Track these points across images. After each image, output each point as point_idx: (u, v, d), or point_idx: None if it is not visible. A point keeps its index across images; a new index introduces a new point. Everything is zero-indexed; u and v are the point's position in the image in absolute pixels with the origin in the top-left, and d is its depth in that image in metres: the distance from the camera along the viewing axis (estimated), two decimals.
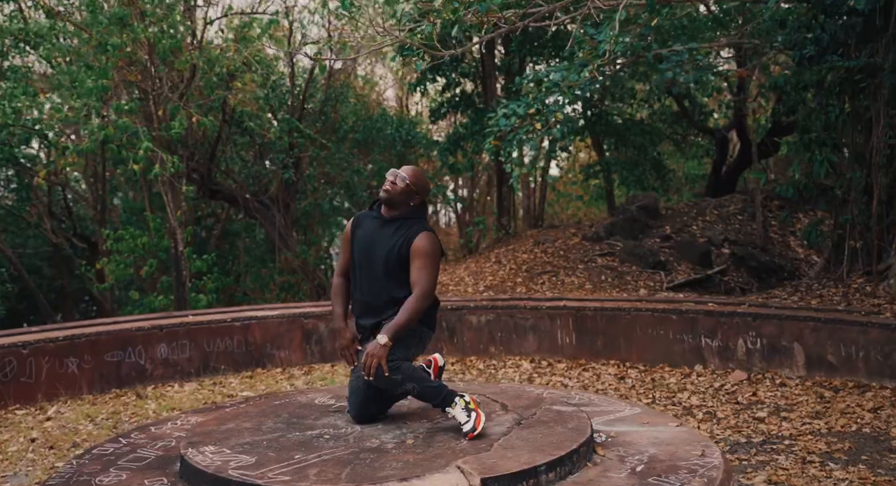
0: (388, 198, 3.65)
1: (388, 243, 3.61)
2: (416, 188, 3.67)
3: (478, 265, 11.89)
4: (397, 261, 3.57)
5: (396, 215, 3.67)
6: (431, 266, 3.54)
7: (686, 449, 3.36)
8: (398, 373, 3.39)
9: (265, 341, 8.35)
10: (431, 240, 3.57)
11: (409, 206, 3.68)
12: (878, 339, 6.90)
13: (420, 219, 3.69)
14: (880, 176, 8.56)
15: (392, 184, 3.65)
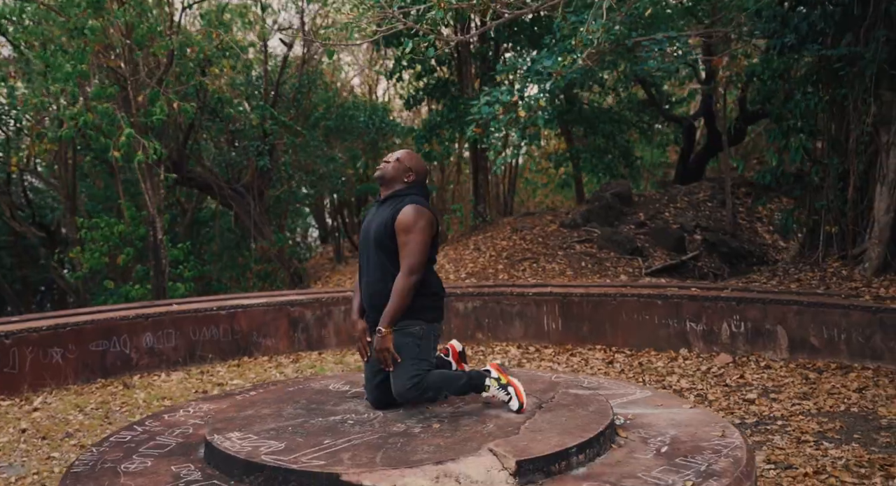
0: (381, 175, 3.65)
1: (379, 220, 3.56)
2: (409, 164, 3.64)
3: (457, 252, 11.92)
4: (385, 237, 3.49)
5: (390, 194, 3.62)
6: (417, 240, 3.43)
7: (705, 430, 3.44)
8: (428, 391, 3.38)
9: (251, 329, 8.30)
10: (416, 211, 3.45)
11: (404, 182, 3.62)
12: (860, 321, 7.08)
13: (413, 194, 3.58)
14: (857, 163, 8.75)
15: (385, 162, 3.67)
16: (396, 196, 3.60)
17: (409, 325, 3.49)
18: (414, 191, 3.62)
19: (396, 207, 3.52)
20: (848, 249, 9.29)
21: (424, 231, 3.46)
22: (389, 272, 3.51)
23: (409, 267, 3.43)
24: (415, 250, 3.43)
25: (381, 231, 3.52)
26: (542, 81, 9.34)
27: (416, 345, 3.45)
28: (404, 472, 2.83)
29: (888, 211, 8.69)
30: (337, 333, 8.48)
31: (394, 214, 3.49)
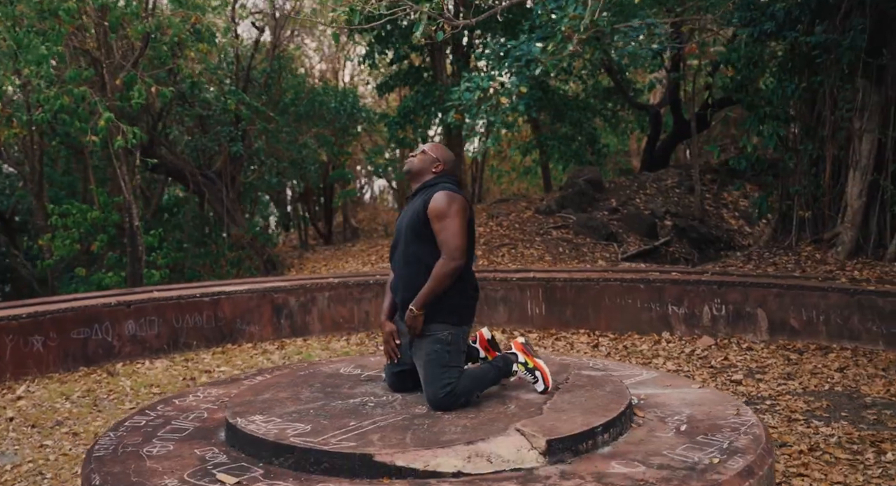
0: (409, 169, 3.62)
1: (410, 212, 3.51)
2: (436, 154, 3.61)
3: None
4: (418, 227, 3.43)
5: (420, 186, 3.58)
6: (454, 225, 3.34)
7: (719, 409, 3.52)
8: (460, 397, 3.32)
9: (235, 316, 8.24)
10: (448, 196, 3.38)
11: (432, 173, 3.58)
12: (838, 303, 7.27)
13: (444, 182, 3.52)
14: (831, 148, 8.95)
15: (411, 156, 3.65)
16: (426, 187, 3.55)
17: (437, 330, 3.42)
18: (444, 179, 3.57)
19: (427, 195, 3.47)
20: (821, 233, 9.51)
21: (459, 215, 3.38)
22: (424, 265, 3.42)
23: (450, 252, 3.35)
24: (453, 234, 3.35)
25: (413, 222, 3.45)
26: (523, 69, 9.39)
27: (445, 352, 3.39)
28: (436, 452, 2.86)
29: (860, 196, 8.91)
30: (321, 319, 8.46)
31: (425, 202, 3.44)
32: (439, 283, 3.35)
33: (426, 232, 3.42)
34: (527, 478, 2.78)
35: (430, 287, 3.36)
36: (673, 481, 2.69)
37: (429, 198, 3.43)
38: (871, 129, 8.83)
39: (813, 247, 9.43)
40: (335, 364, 4.25)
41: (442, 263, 3.35)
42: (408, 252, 3.50)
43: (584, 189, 13.56)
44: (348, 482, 2.81)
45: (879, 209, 8.89)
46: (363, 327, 8.49)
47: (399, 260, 3.58)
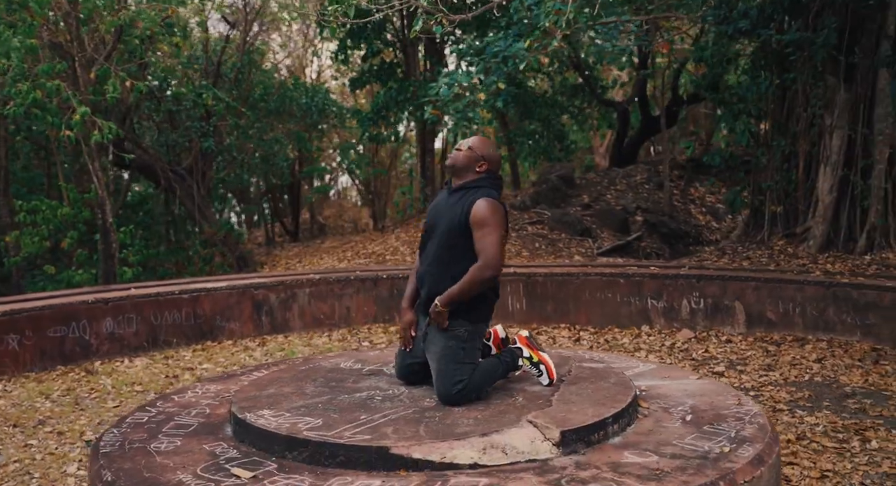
0: (452, 164, 3.56)
1: (450, 213, 3.47)
2: (481, 153, 3.54)
3: (409, 235, 11.94)
4: (457, 229, 3.41)
5: (462, 184, 3.53)
6: (494, 234, 3.36)
7: (720, 399, 3.58)
8: (472, 393, 3.33)
9: (215, 313, 8.16)
10: (492, 205, 3.38)
11: (476, 173, 3.53)
12: (814, 295, 7.43)
13: (487, 187, 3.50)
14: (803, 144, 9.13)
15: (456, 151, 3.58)
16: (468, 188, 3.50)
17: (455, 326, 3.42)
18: (486, 183, 3.52)
19: (469, 199, 3.43)
20: (792, 227, 9.70)
21: (500, 225, 3.39)
22: (455, 266, 3.43)
23: (487, 260, 3.35)
24: (492, 243, 3.36)
25: (453, 224, 3.43)
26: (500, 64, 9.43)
27: (460, 348, 3.40)
28: (452, 444, 2.87)
29: (831, 191, 9.10)
30: (301, 316, 8.42)
31: (467, 207, 3.40)
32: (471, 287, 3.37)
33: (464, 236, 3.42)
34: (543, 469, 2.80)
35: (462, 289, 3.37)
36: (688, 469, 2.74)
37: (471, 203, 3.40)
38: (842, 125, 9.02)
39: (785, 241, 9.61)
40: (335, 359, 4.24)
41: (479, 269, 3.36)
42: (441, 251, 3.50)
43: (556, 185, 13.67)
44: (365, 474, 2.82)
45: (849, 204, 9.10)
46: (344, 324, 8.47)
47: (431, 255, 3.57)
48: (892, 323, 7.05)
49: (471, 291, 3.38)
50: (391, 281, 8.48)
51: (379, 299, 8.52)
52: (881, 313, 7.13)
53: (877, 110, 8.96)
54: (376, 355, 4.36)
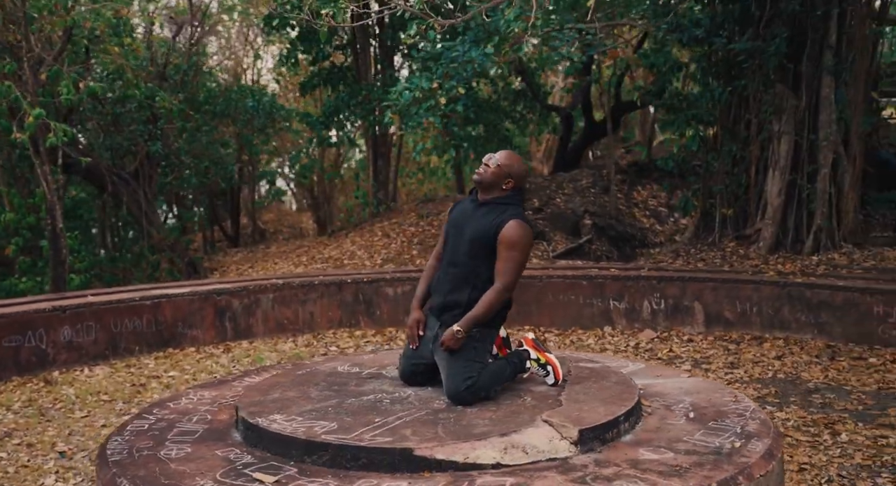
0: (480, 180, 3.60)
1: (477, 225, 3.53)
2: (509, 170, 3.58)
3: (364, 239, 11.91)
4: (484, 244, 3.48)
5: (489, 199, 3.58)
6: (519, 258, 3.46)
7: (717, 396, 3.70)
8: (480, 391, 3.38)
9: (176, 320, 8.00)
10: (524, 229, 3.47)
11: (503, 189, 3.58)
12: (770, 295, 7.69)
13: (514, 205, 3.58)
14: (756, 150, 9.44)
15: (484, 166, 3.61)
16: (496, 204, 3.56)
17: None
18: (514, 200, 3.59)
19: (500, 217, 3.49)
20: (742, 229, 10.02)
21: (526, 251, 3.49)
22: (475, 279, 3.52)
23: (505, 284, 3.45)
24: (514, 269, 3.46)
25: (480, 238, 3.50)
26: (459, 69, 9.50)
27: (472, 348, 3.46)
28: (474, 444, 2.91)
29: (780, 194, 9.44)
30: (265, 321, 8.32)
31: (497, 224, 3.47)
32: (489, 310, 3.46)
33: (489, 249, 3.49)
34: (565, 467, 2.86)
35: (480, 313, 3.45)
36: (706, 465, 2.83)
37: (501, 222, 3.47)
38: (789, 131, 9.36)
39: (736, 243, 9.91)
40: (331, 363, 4.22)
41: (498, 293, 3.45)
42: (464, 259, 3.56)
43: None
44: (389, 476, 2.83)
45: (797, 207, 9.44)
46: (308, 329, 8.40)
47: (451, 262, 3.63)
48: (844, 321, 7.35)
49: (489, 313, 3.48)
50: (356, 286, 8.45)
51: (343, 303, 8.49)
52: (833, 311, 7.42)
53: (821, 117, 9.33)
54: (371, 358, 4.36)
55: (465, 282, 3.55)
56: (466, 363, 3.39)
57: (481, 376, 3.41)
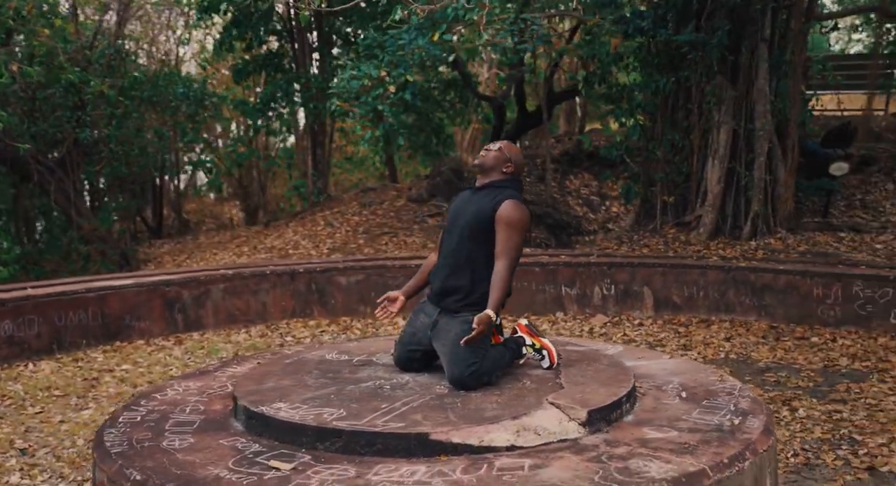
0: (482, 163, 3.66)
1: (475, 208, 3.57)
2: (509, 155, 3.66)
3: (307, 229, 11.78)
4: (482, 224, 3.52)
5: (488, 183, 3.64)
6: (517, 236, 3.52)
7: (702, 377, 3.82)
8: (483, 377, 3.41)
9: (123, 312, 7.77)
10: (519, 209, 3.53)
11: (502, 173, 3.64)
12: (715, 279, 7.96)
13: (512, 188, 3.63)
14: (698, 139, 9.73)
15: (486, 151, 3.68)
16: (494, 187, 3.61)
17: (470, 314, 3.52)
18: (512, 184, 3.64)
19: (496, 198, 3.53)
20: (682, 216, 10.32)
21: (523, 230, 3.54)
22: (473, 261, 3.55)
23: (510, 261, 3.50)
24: (515, 245, 3.50)
25: (477, 220, 3.53)
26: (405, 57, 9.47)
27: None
28: (488, 428, 2.94)
29: (719, 182, 9.75)
30: (216, 312, 8.16)
31: (493, 205, 3.51)
32: (504, 286, 3.50)
33: (487, 232, 3.53)
34: (577, 448, 2.92)
35: (501, 293, 3.48)
36: (713, 442, 2.93)
37: (498, 202, 3.52)
38: (728, 121, 9.68)
39: (676, 229, 10.20)
40: (318, 351, 4.18)
41: (505, 269, 3.49)
42: (463, 242, 3.59)
43: (449, 178, 13.85)
44: (405, 461, 2.83)
45: (735, 194, 9.78)
46: (260, 320, 8.28)
47: (450, 248, 3.65)
48: (786, 303, 7.67)
49: (506, 291, 3.53)
50: (308, 275, 8.37)
51: (297, 293, 8.39)
52: (776, 294, 7.74)
53: (757, 107, 9.67)
54: (357, 346, 4.33)
55: (464, 266, 3.58)
56: (470, 349, 3.42)
57: (483, 361, 3.44)
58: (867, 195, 11.47)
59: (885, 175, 12.51)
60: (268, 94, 13.57)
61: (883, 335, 7.14)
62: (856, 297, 7.37)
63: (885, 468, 4.33)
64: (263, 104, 13.61)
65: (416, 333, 3.69)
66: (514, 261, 3.53)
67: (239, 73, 14.48)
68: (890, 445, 4.65)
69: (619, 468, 2.71)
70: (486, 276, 3.54)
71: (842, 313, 7.45)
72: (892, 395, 5.60)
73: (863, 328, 7.32)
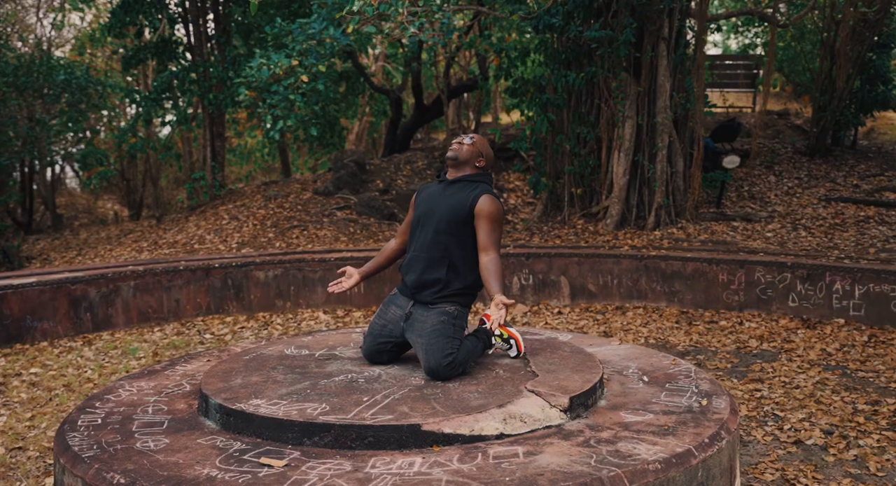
0: (456, 156, 3.66)
1: (450, 202, 3.60)
2: (481, 148, 3.71)
3: (211, 223, 11.42)
4: (460, 218, 3.56)
5: (461, 176, 3.67)
6: (498, 229, 3.61)
7: (656, 361, 3.97)
8: (459, 367, 3.43)
9: (24, 312, 7.32)
10: (497, 202, 3.61)
11: (475, 167, 3.69)
12: (628, 268, 8.26)
13: (485, 182, 3.70)
14: (606, 133, 10.04)
15: (459, 144, 3.69)
16: (468, 181, 3.66)
17: (446, 305, 3.57)
18: (484, 178, 3.71)
19: (473, 193, 3.59)
20: (589, 208, 10.63)
21: (502, 223, 3.64)
22: (451, 254, 3.58)
23: (496, 250, 3.57)
24: (498, 239, 3.60)
25: (454, 215, 3.57)
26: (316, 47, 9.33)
27: (451, 324, 3.52)
28: (477, 417, 2.96)
29: (625, 174, 10.10)
30: (126, 310, 7.81)
31: (471, 199, 3.57)
32: (501, 270, 3.56)
33: (465, 226, 3.58)
34: (564, 434, 2.98)
35: (499, 277, 3.52)
36: (689, 423, 3.06)
37: (476, 197, 3.58)
38: (632, 115, 10.03)
39: (584, 220, 10.50)
40: (275, 347, 4.07)
41: (496, 260, 3.55)
42: (438, 239, 3.60)
43: (354, 171, 13.74)
44: (399, 453, 2.82)
45: (640, 185, 10.16)
46: (174, 317, 7.98)
47: (426, 242, 3.63)
48: (694, 289, 8.05)
49: (503, 276, 3.57)
50: (225, 271, 8.13)
51: (212, 289, 8.14)
52: (684, 280, 8.11)
53: (658, 103, 10.08)
54: (313, 340, 4.26)
55: (441, 260, 3.60)
56: (447, 340, 3.43)
57: (459, 352, 3.46)
58: (753, 187, 12.14)
59: (766, 168, 13.30)
60: (162, 82, 13.04)
61: (783, 317, 7.61)
62: (758, 282, 7.82)
63: (809, 441, 4.63)
64: (158, 94, 13.07)
65: (388, 324, 3.67)
66: (497, 248, 3.60)
67: (128, 60, 13.84)
68: (810, 419, 4.98)
69: (611, 451, 2.80)
70: (463, 269, 3.59)
71: (745, 298, 7.89)
72: (801, 373, 5.99)
73: (765, 311, 7.77)
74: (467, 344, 3.57)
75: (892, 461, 4.35)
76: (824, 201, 11.35)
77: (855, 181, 12.53)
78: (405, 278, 3.71)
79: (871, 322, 7.28)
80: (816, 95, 13.06)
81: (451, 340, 3.45)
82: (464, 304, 3.64)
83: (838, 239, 9.55)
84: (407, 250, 3.80)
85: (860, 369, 6.06)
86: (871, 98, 13.40)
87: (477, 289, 3.70)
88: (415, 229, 3.74)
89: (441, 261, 3.59)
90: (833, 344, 6.71)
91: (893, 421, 4.96)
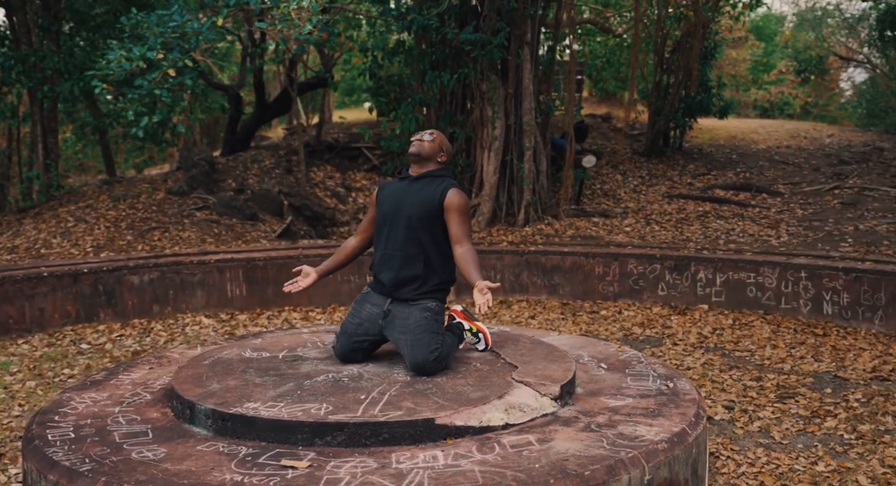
0: (419, 152, 3.67)
1: (418, 198, 3.61)
2: (442, 144, 3.75)
3: (54, 226, 10.58)
4: (431, 213, 3.59)
5: (425, 172, 3.69)
6: (468, 221, 3.70)
7: (602, 349, 4.17)
8: (443, 362, 3.46)
9: None
10: (464, 195, 3.70)
11: (437, 163, 3.73)
12: (511, 263, 8.55)
13: (449, 176, 3.75)
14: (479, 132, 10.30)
15: (420, 141, 3.70)
16: (433, 176, 3.69)
17: (426, 301, 3.60)
18: (446, 173, 3.77)
19: (440, 187, 3.64)
20: None
21: (469, 213, 3.74)
22: (425, 249, 3.61)
23: (468, 239, 3.66)
24: (468, 228, 3.70)
25: (424, 210, 3.59)
26: (178, 40, 8.93)
27: (434, 320, 3.55)
28: (483, 409, 3.02)
29: (495, 173, 10.42)
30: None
31: (439, 193, 3.62)
32: (477, 259, 3.62)
33: (436, 220, 3.61)
34: (563, 421, 3.09)
35: (477, 264, 3.59)
36: (668, 405, 3.27)
37: (443, 191, 3.62)
38: (501, 116, 10.36)
39: None
40: (230, 350, 3.87)
41: (469, 248, 3.61)
42: (411, 236, 3.62)
43: (206, 170, 13.21)
44: (415, 447, 2.82)
45: (509, 183, 10.51)
46: (39, 327, 7.36)
47: (397, 242, 3.64)
48: (572, 281, 8.46)
49: (479, 265, 3.63)
50: (94, 276, 7.59)
51: (81, 296, 7.57)
52: (563, 274, 8.50)
53: (524, 104, 10.47)
54: (265, 342, 4.10)
55: (417, 256, 3.62)
56: (432, 335, 3.46)
57: (442, 347, 3.49)
58: (605, 185, 12.89)
59: (613, 167, 14.16)
60: None
61: (655, 305, 8.16)
62: (631, 273, 8.34)
63: (717, 416, 5.03)
64: None
65: (363, 323, 3.63)
66: (469, 238, 3.68)
67: None
68: (710, 397, 5.41)
69: (616, 434, 2.94)
70: (438, 263, 3.63)
71: (619, 289, 8.38)
72: (687, 355, 6.47)
73: (638, 300, 8.30)
74: (448, 339, 3.61)
75: (790, 430, 4.83)
76: (667, 198, 12.24)
77: (689, 179, 13.61)
78: (379, 276, 3.70)
79: (731, 307, 7.96)
80: (652, 101, 14.04)
81: (435, 335, 3.48)
82: (442, 300, 3.70)
83: (687, 232, 10.34)
84: (375, 249, 3.78)
85: (736, 349, 6.63)
86: (696, 104, 14.60)
87: (451, 283, 3.75)
88: (381, 227, 3.72)
89: (417, 257, 3.62)
90: (706, 328, 7.29)
91: (780, 394, 5.49)
